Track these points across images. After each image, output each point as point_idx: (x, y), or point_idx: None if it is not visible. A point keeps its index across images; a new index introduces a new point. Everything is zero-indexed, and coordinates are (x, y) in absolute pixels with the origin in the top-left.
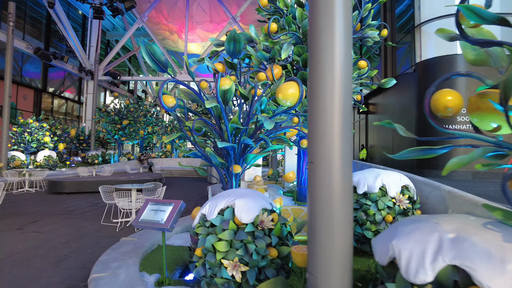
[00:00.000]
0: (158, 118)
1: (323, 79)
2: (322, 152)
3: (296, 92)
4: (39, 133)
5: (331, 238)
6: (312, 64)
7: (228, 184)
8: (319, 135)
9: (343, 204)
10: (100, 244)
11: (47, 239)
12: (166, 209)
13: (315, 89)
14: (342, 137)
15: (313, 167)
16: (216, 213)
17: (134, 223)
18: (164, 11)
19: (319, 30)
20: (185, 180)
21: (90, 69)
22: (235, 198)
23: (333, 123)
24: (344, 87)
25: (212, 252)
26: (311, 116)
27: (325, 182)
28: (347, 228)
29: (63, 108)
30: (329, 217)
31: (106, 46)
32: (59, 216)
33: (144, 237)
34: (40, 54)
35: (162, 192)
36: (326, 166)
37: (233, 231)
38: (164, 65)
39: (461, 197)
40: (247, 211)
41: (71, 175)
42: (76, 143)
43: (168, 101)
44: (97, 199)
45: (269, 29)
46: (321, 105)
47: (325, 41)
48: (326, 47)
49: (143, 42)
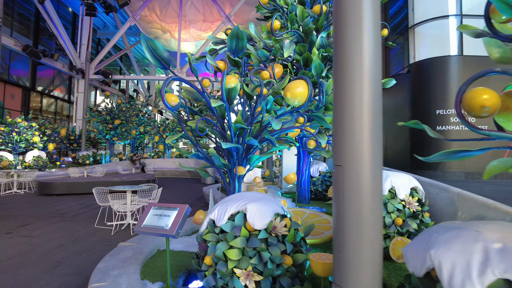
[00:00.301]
0: (150, 118)
1: (350, 74)
2: (351, 155)
3: (305, 91)
4: (28, 132)
5: (360, 247)
6: (338, 58)
7: (230, 186)
8: (347, 136)
9: (373, 211)
10: (95, 248)
11: (38, 244)
12: (171, 214)
13: (342, 86)
14: (372, 138)
15: (340, 171)
16: (226, 218)
17: (136, 228)
18: (157, 10)
19: (346, 20)
20: (178, 181)
21: (81, 67)
22: (247, 203)
23: (362, 123)
24: (373, 82)
25: (223, 260)
26: (338, 115)
27: (355, 187)
28: (377, 237)
29: (52, 107)
30: (358, 226)
31: (97, 44)
32: (50, 219)
33: (143, 242)
34: (29, 51)
35: (158, 194)
36: (356, 169)
37: (245, 238)
38: (166, 62)
39: (472, 200)
40: (260, 217)
41: (62, 176)
42: (66, 143)
43: (171, 99)
44: (89, 201)
45: (272, 27)
46: (349, 103)
47: (352, 32)
48: (353, 38)
49: (144, 37)
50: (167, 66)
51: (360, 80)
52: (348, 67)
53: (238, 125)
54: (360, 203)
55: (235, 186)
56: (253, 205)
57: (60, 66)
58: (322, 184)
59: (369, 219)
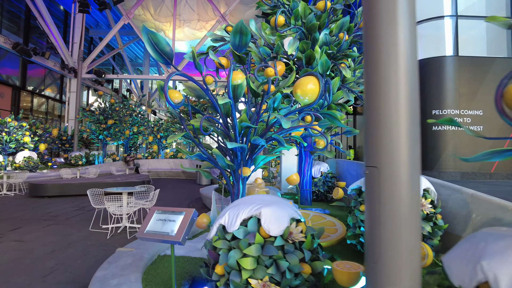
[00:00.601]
0: (144, 118)
1: (385, 68)
2: (388, 154)
3: (316, 88)
4: (18, 132)
5: (399, 258)
6: (370, 50)
7: (234, 188)
8: (383, 133)
9: (412, 217)
10: (90, 253)
11: (30, 249)
12: (176, 218)
13: (375, 81)
14: (410, 136)
15: (376, 173)
16: (238, 224)
17: (139, 235)
18: (151, 8)
19: (378, 8)
20: (173, 181)
21: (73, 66)
22: (261, 207)
23: (399, 121)
24: (410, 73)
25: (237, 270)
26: (371, 113)
27: (393, 191)
28: (416, 245)
29: (43, 107)
30: (396, 234)
31: (89, 43)
32: (42, 222)
33: (142, 247)
34: (19, 49)
35: (155, 196)
36: (394, 170)
37: (260, 245)
38: (169, 57)
39: (487, 201)
40: (276, 222)
41: (54, 177)
42: (58, 144)
43: (174, 96)
44: (83, 203)
45: (276, 22)
46: (384, 100)
47: (386, 22)
48: (387, 29)
49: (146, 30)
50: (169, 62)
51: (396, 75)
52: (382, 61)
53: (244, 124)
54: (398, 208)
55: (239, 188)
56: (267, 209)
57: (52, 65)
58: (323, 185)
59: (408, 226)
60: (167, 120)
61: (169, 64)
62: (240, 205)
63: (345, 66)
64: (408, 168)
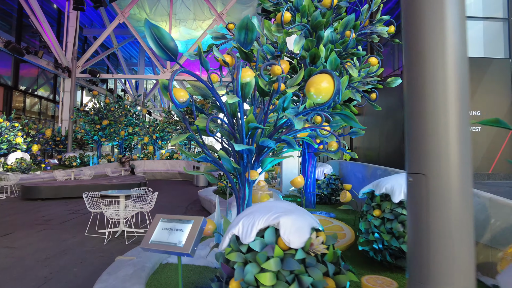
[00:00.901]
0: (139, 118)
1: (431, 66)
2: (438, 160)
3: (330, 86)
4: (10, 133)
5: (452, 278)
6: (412, 46)
7: (240, 192)
8: (431, 139)
9: (465, 232)
10: (86, 261)
11: (22, 257)
12: (184, 227)
13: (419, 80)
14: (460, 140)
15: (423, 181)
16: (254, 234)
17: (143, 245)
18: (146, 7)
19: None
20: (169, 183)
21: (67, 65)
22: (279, 215)
23: (448, 123)
24: (459, 74)
25: (254, 286)
26: (415, 116)
27: (445, 201)
28: (470, 265)
29: (36, 107)
30: (450, 250)
31: (83, 43)
32: (35, 226)
33: (143, 255)
34: (11, 48)
35: (153, 199)
36: (445, 178)
37: (280, 259)
38: (173, 53)
39: (508, 206)
40: (296, 232)
41: (47, 179)
42: (51, 144)
43: (179, 95)
44: (78, 206)
45: (282, 19)
46: (430, 101)
47: (431, 14)
48: (433, 22)
49: (149, 24)
50: (174, 58)
51: (443, 73)
52: (426, 53)
53: (252, 125)
54: (449, 220)
55: (245, 192)
56: (287, 218)
57: (45, 64)
58: (327, 187)
59: (461, 241)
60: (162, 120)
61: (174, 60)
62: (255, 214)
63: (351, 65)
64: (459, 174)
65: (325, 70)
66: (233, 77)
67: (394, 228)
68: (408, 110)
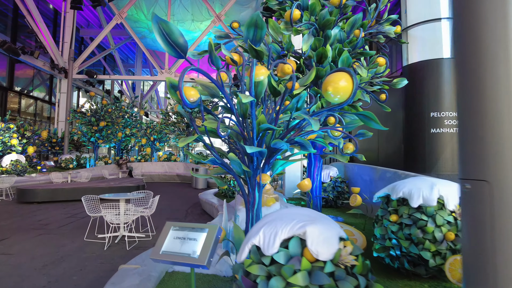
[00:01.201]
0: (137, 120)
1: (491, 61)
2: (504, 167)
3: (349, 85)
4: (5, 135)
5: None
6: (467, 34)
7: (250, 196)
8: (493, 141)
9: None
10: (86, 268)
11: (18, 264)
12: (197, 237)
13: (476, 77)
14: None
15: (485, 188)
16: (277, 245)
17: (153, 256)
18: (144, 8)
19: None
20: (168, 185)
21: (63, 66)
22: (305, 224)
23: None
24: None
25: None
26: (472, 117)
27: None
28: None
29: (32, 108)
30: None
31: (80, 44)
32: (31, 231)
33: (148, 263)
34: (6, 48)
35: (154, 203)
36: (511, 186)
37: (307, 272)
38: (182, 49)
39: None
40: (325, 243)
41: (43, 182)
42: (48, 146)
43: (190, 94)
44: (75, 209)
45: (291, 17)
46: (492, 100)
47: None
48: (495, 6)
49: (157, 19)
50: (183, 55)
51: (506, 64)
52: (485, 45)
53: (264, 126)
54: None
55: (254, 196)
56: (314, 228)
57: (41, 65)
58: (333, 191)
59: None
60: (160, 122)
61: (183, 57)
62: (277, 222)
63: (360, 65)
64: None
65: (342, 68)
66: (240, 76)
67: (413, 234)
68: (461, 108)
